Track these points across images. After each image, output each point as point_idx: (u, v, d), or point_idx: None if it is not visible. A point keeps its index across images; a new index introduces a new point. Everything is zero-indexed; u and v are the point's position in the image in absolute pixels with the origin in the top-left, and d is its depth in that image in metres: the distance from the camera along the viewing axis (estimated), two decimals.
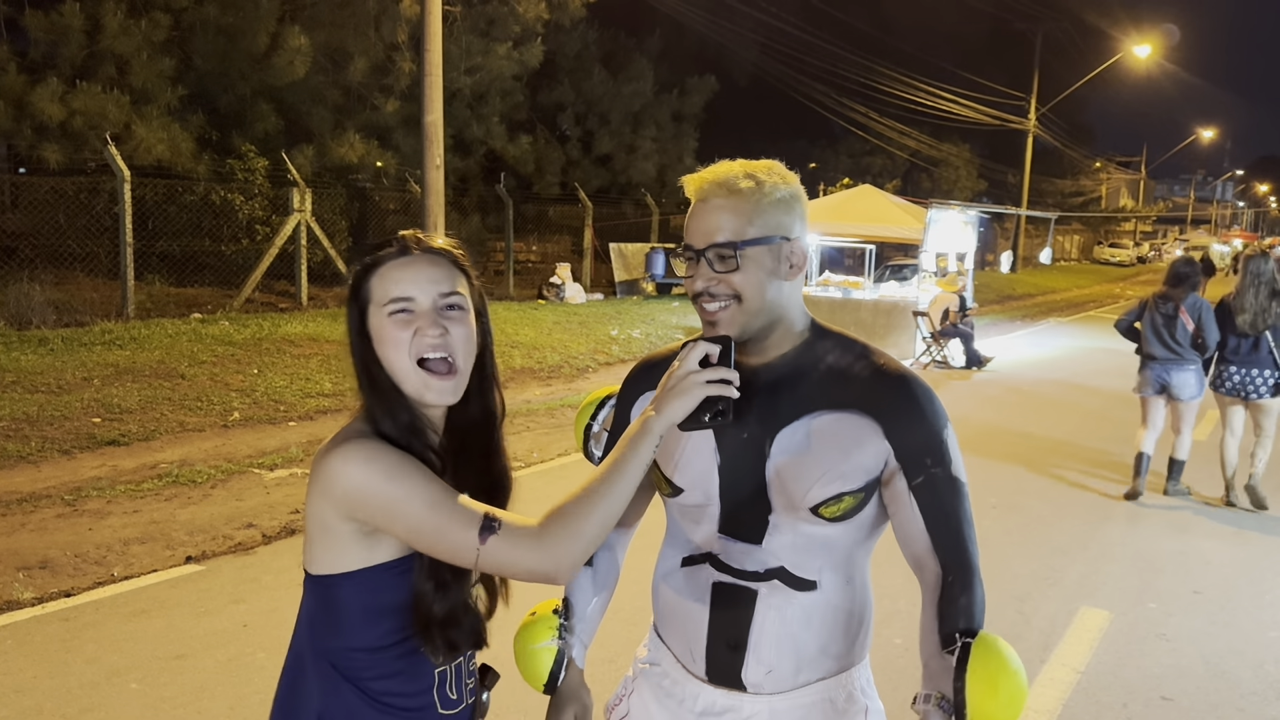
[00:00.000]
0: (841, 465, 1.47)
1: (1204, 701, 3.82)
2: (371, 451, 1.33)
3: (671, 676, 1.62)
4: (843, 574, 1.54)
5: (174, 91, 13.84)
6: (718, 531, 1.55)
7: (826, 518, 1.49)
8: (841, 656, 1.56)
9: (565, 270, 17.63)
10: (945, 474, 1.49)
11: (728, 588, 1.53)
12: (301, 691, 1.42)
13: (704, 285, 1.48)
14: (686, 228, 1.51)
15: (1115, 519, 6.21)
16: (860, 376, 1.52)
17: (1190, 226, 69.34)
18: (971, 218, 15.37)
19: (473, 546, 1.30)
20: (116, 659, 3.85)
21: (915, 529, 1.49)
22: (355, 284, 1.42)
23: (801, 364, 1.54)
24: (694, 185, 1.51)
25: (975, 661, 1.40)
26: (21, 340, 9.22)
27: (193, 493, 6.07)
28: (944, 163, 38.13)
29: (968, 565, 1.48)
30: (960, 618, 1.46)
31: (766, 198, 1.48)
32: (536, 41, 18.41)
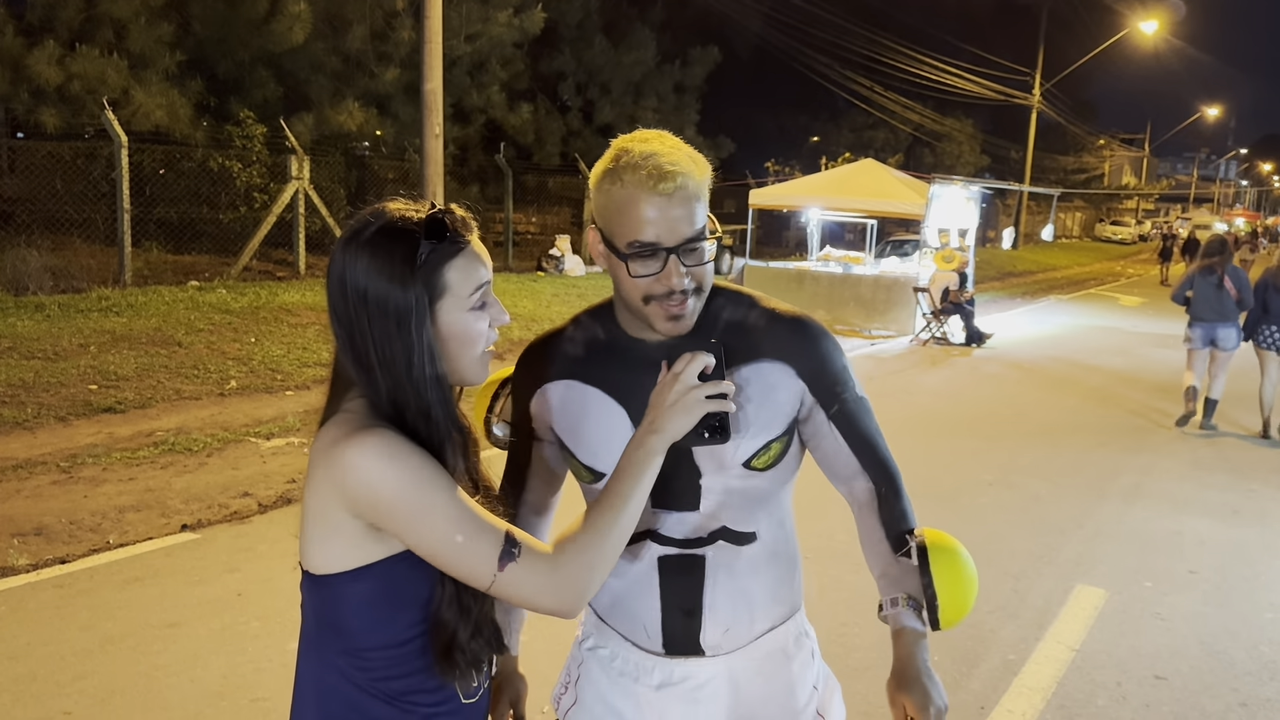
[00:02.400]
0: (763, 414, 1.49)
1: (1198, 681, 3.83)
2: (394, 448, 1.22)
3: (622, 656, 1.61)
4: (775, 519, 1.58)
5: (172, 57, 13.72)
6: (652, 507, 1.52)
7: (758, 468, 1.51)
8: (787, 600, 1.61)
9: (565, 242, 17.56)
10: (854, 396, 1.56)
11: (675, 559, 1.53)
12: (309, 702, 1.35)
13: (679, 283, 1.39)
14: (636, 219, 1.37)
15: (1112, 498, 6.21)
16: (759, 325, 1.53)
17: (1193, 205, 69.10)
18: (974, 193, 15.30)
19: (490, 572, 1.23)
20: (111, 626, 3.85)
21: (842, 455, 1.56)
22: (428, 271, 1.27)
23: (701, 325, 1.49)
24: (644, 175, 1.36)
25: (934, 554, 1.47)
26: (18, 306, 9.19)
27: (189, 461, 6.05)
28: (947, 138, 37.91)
29: (893, 474, 1.57)
30: (902, 521, 1.55)
31: (706, 178, 1.42)
32: (537, 9, 18.24)
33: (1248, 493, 6.51)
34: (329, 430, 1.28)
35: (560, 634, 1.74)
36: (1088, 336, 14.60)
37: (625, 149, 1.40)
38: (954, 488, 6.22)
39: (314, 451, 1.28)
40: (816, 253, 16.69)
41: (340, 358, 1.33)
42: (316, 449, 1.27)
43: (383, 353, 1.27)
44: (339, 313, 1.29)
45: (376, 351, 1.27)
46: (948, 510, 5.71)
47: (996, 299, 19.31)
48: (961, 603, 1.47)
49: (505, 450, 1.72)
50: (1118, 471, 6.83)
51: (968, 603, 1.49)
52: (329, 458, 1.24)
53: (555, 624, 2.80)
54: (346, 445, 1.22)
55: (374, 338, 1.27)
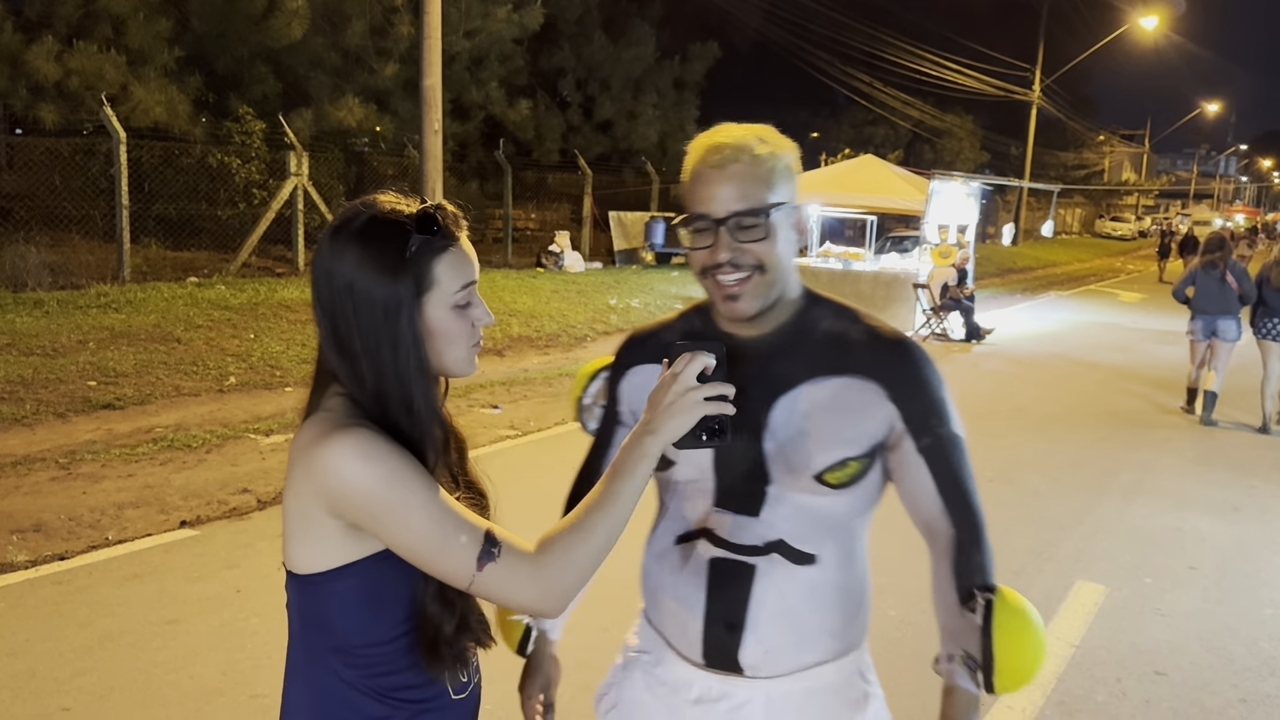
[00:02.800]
0: (845, 430, 1.44)
1: (1198, 677, 3.83)
2: (371, 448, 1.21)
3: (664, 664, 1.58)
4: (844, 548, 1.50)
5: (171, 53, 13.69)
6: (713, 506, 1.50)
7: (831, 484, 1.45)
8: (841, 636, 1.51)
9: (564, 238, 17.54)
10: (949, 433, 1.48)
11: (725, 563, 1.48)
12: (301, 705, 1.35)
13: (728, 256, 1.40)
14: (696, 195, 1.42)
15: (1112, 494, 6.21)
16: (858, 341, 1.49)
17: (1193, 201, 69.05)
18: (974, 189, 15.28)
19: (469, 571, 1.22)
20: (109, 623, 3.84)
21: (927, 492, 1.48)
22: (417, 264, 1.26)
23: (797, 333, 1.50)
24: (705, 149, 1.42)
25: (999, 616, 1.39)
26: (16, 302, 9.17)
27: (188, 457, 6.05)
28: (947, 134, 37.89)
29: (978, 522, 1.49)
30: (976, 574, 1.46)
31: (780, 163, 1.43)
32: (536, 4, 18.20)
33: (1248, 489, 6.50)
34: (307, 429, 1.27)
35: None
36: (1087, 332, 14.59)
37: (707, 133, 1.46)
38: None
39: (293, 450, 1.27)
40: (816, 249, 16.66)
41: (324, 349, 1.32)
42: (295, 448, 1.26)
43: (367, 343, 1.26)
44: (324, 303, 1.28)
45: (361, 341, 1.26)
46: None
47: (996, 295, 19.30)
48: (1022, 671, 1.39)
49: (593, 437, 1.75)
50: (1118, 468, 6.83)
51: (1029, 672, 1.40)
52: (307, 457, 1.23)
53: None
54: (324, 444, 1.21)
55: (359, 328, 1.26)
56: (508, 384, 8.72)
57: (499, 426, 7.23)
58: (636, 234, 19.52)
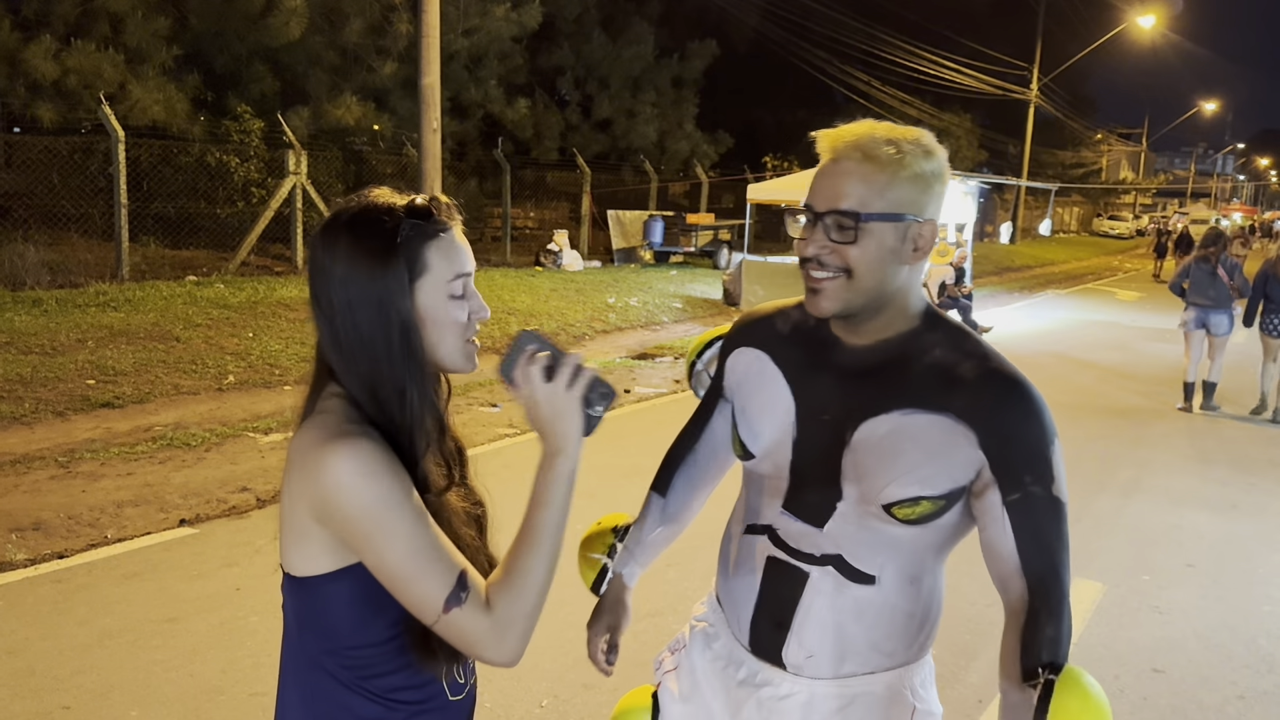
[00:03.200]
0: (925, 468, 1.37)
1: (1195, 674, 3.83)
2: (369, 464, 1.20)
3: (722, 639, 1.60)
4: (908, 574, 1.45)
5: (169, 51, 13.67)
6: (783, 507, 1.49)
7: (899, 519, 1.39)
8: (894, 655, 1.47)
9: (563, 237, 17.53)
10: (1045, 493, 1.37)
11: (781, 564, 1.48)
12: (296, 706, 1.35)
13: (815, 252, 1.37)
14: (812, 186, 1.39)
15: (1110, 492, 6.21)
16: (965, 378, 1.39)
17: (1190, 199, 69.09)
18: (972, 188, 15.29)
19: (435, 611, 1.21)
20: (109, 621, 3.85)
21: (1005, 547, 1.38)
22: (409, 250, 1.26)
23: (904, 354, 1.43)
24: (827, 142, 1.39)
25: (1058, 702, 1.29)
26: (15, 301, 9.17)
27: (187, 456, 6.05)
28: (945, 132, 37.76)
29: (1059, 593, 1.37)
30: (1045, 650, 1.34)
31: (905, 170, 1.35)
32: (535, 3, 18.18)
33: (1246, 486, 6.51)
34: (306, 432, 1.27)
35: None
36: (1085, 331, 14.60)
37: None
38: None
39: (291, 452, 1.27)
40: None
41: (321, 344, 1.32)
42: (294, 450, 1.26)
43: (362, 332, 1.26)
44: (320, 296, 1.29)
45: (356, 331, 1.27)
46: None
47: (994, 293, 19.31)
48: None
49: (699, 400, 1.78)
50: (1116, 465, 6.84)
51: None
52: (304, 462, 1.23)
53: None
54: (323, 453, 1.21)
55: (354, 317, 1.26)
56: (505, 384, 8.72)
57: (498, 425, 7.23)
58: (635, 232, 19.52)
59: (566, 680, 3.46)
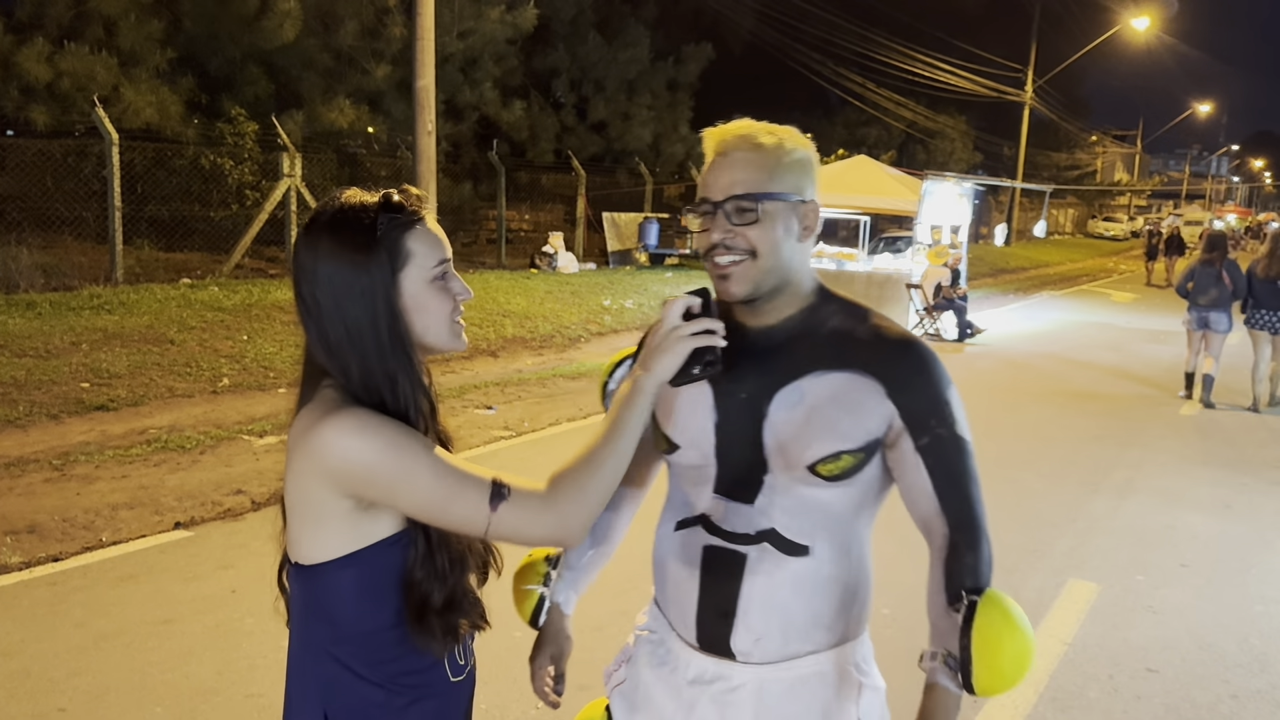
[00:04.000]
0: (841, 424, 1.46)
1: (1189, 674, 3.85)
2: (367, 421, 1.26)
3: (666, 645, 1.63)
4: (839, 543, 1.52)
5: (163, 54, 13.65)
6: (713, 492, 1.54)
7: (824, 476, 1.47)
8: (834, 629, 1.54)
9: (558, 239, 17.54)
10: (950, 434, 1.49)
11: (718, 551, 1.52)
12: (304, 691, 1.37)
13: (720, 238, 1.46)
14: (703, 182, 1.50)
15: (1104, 492, 6.23)
16: (863, 339, 1.51)
17: (1185, 201, 69.26)
18: (967, 190, 15.31)
19: (484, 515, 1.27)
20: (104, 624, 3.84)
21: (923, 490, 1.49)
22: (390, 242, 1.31)
23: (805, 327, 1.53)
24: (715, 139, 1.49)
25: (981, 618, 1.40)
26: (9, 304, 9.15)
27: (181, 458, 6.04)
28: (940, 134, 37.92)
29: (975, 524, 1.49)
30: (967, 576, 1.46)
31: (787, 155, 1.48)
32: (530, 5, 18.18)
33: (1239, 487, 6.53)
34: (301, 419, 1.31)
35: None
36: (1080, 332, 14.63)
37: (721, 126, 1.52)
38: None
39: (290, 441, 1.31)
40: None
41: (310, 344, 1.36)
42: (293, 438, 1.31)
43: (350, 326, 1.31)
44: (305, 298, 1.33)
45: (344, 325, 1.31)
46: None
47: (989, 295, 19.35)
48: (1002, 673, 1.39)
49: None
50: (1110, 466, 6.86)
51: (1011, 675, 1.40)
52: (306, 443, 1.27)
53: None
54: (321, 427, 1.26)
55: (341, 313, 1.30)
56: (501, 385, 8.72)
57: (493, 427, 7.23)
58: (630, 235, 19.53)
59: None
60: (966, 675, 1.40)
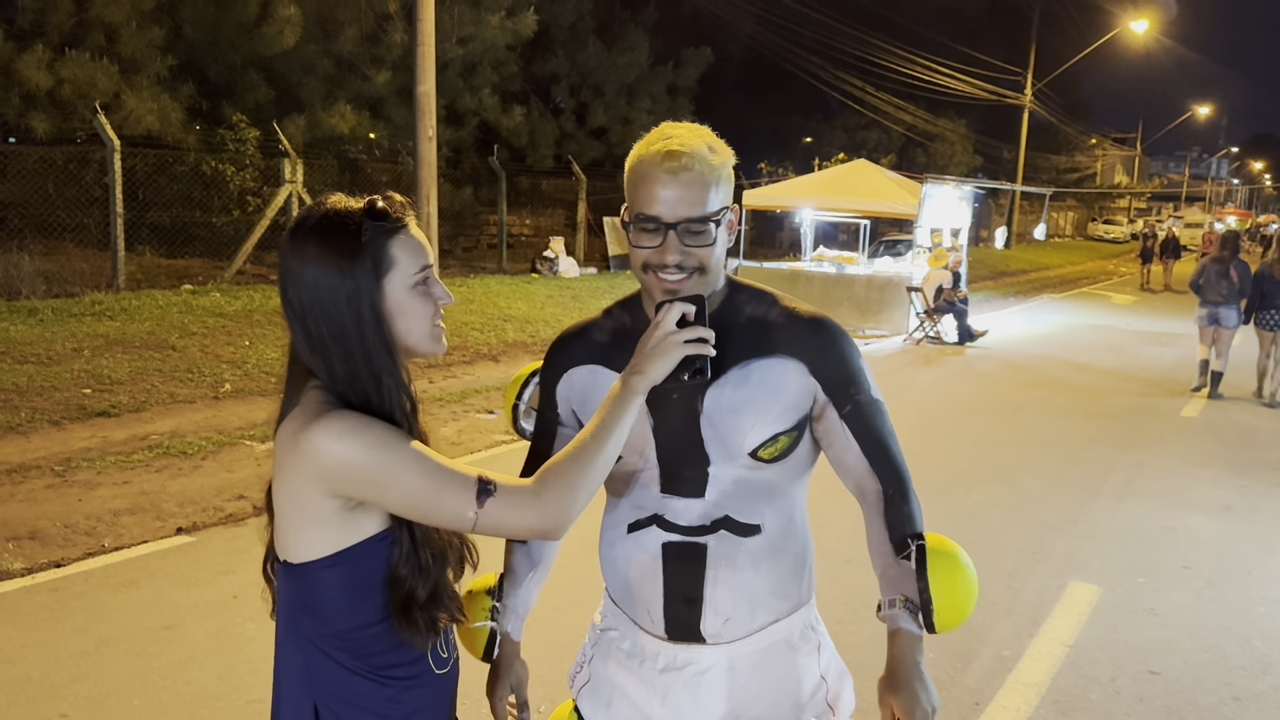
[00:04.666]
0: (774, 408, 1.54)
1: (1191, 675, 3.85)
2: (354, 423, 1.29)
3: (631, 639, 1.66)
4: (784, 515, 1.60)
5: (164, 61, 13.68)
6: (660, 492, 1.58)
7: (765, 459, 1.55)
8: (789, 596, 1.62)
9: (559, 244, 17.56)
10: (869, 398, 1.59)
11: (678, 546, 1.57)
12: (293, 684, 1.41)
13: (675, 259, 1.47)
14: (646, 195, 1.46)
15: (1105, 495, 6.23)
16: (777, 323, 1.58)
17: (1185, 203, 69.25)
18: (966, 193, 15.33)
19: (470, 511, 1.30)
20: (106, 629, 3.85)
21: (852, 455, 1.59)
22: (374, 248, 1.33)
23: (721, 320, 1.56)
24: (659, 153, 1.46)
25: (932, 560, 1.50)
26: (11, 311, 9.16)
27: (183, 464, 6.05)
28: (939, 138, 37.94)
29: (903, 477, 1.59)
30: (906, 524, 1.56)
31: (724, 169, 1.51)
32: (529, 11, 18.22)
33: (1240, 488, 6.53)
34: (289, 423, 1.35)
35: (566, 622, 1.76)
36: (1080, 335, 14.64)
37: (657, 132, 1.52)
38: (947, 485, 6.23)
39: (278, 444, 1.36)
40: (810, 253, 16.70)
41: (295, 348, 1.39)
42: (281, 440, 1.35)
43: (334, 329, 1.34)
44: (291, 301, 1.36)
45: (329, 329, 1.34)
46: (941, 507, 5.73)
47: (989, 298, 19.35)
48: (958, 607, 1.50)
49: (530, 441, 1.79)
50: (1111, 468, 6.86)
51: (965, 608, 1.51)
52: (295, 445, 1.31)
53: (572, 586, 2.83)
54: (310, 430, 1.29)
55: (326, 317, 1.34)
56: (503, 389, 8.73)
57: (494, 432, 7.23)
58: None
59: (562, 685, 3.46)
60: (928, 615, 1.48)
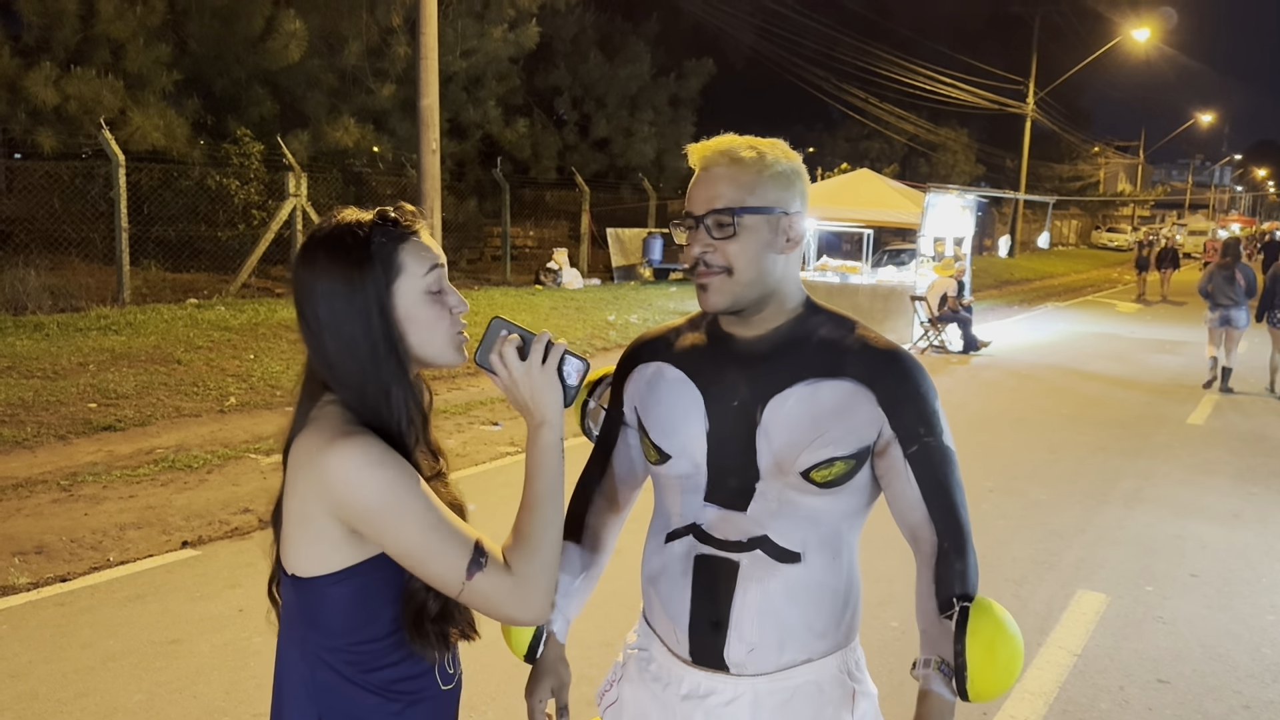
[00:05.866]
0: (834, 430, 1.48)
1: (1200, 684, 3.83)
2: (374, 455, 1.27)
3: (658, 661, 1.62)
4: (829, 549, 1.53)
5: (169, 76, 13.75)
6: (703, 500, 1.55)
7: (817, 483, 1.48)
8: (827, 636, 1.54)
9: (562, 255, 17.58)
10: (938, 443, 1.51)
11: (709, 560, 1.53)
12: (298, 697, 1.39)
13: (700, 251, 1.48)
14: (689, 196, 1.52)
15: (1112, 503, 6.21)
16: (852, 349, 1.53)
17: (1188, 211, 69.21)
18: (969, 202, 15.34)
19: (459, 580, 1.29)
20: (112, 644, 3.85)
21: (911, 498, 1.51)
22: (383, 255, 1.33)
23: (794, 337, 1.54)
24: (697, 154, 1.51)
25: (974, 624, 1.41)
26: (17, 325, 9.19)
27: (189, 478, 6.05)
28: (942, 147, 38.01)
29: (962, 531, 1.50)
30: (956, 583, 1.48)
31: (768, 169, 1.48)
32: (532, 24, 18.30)
33: (1248, 496, 6.51)
34: (308, 437, 1.33)
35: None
36: (1085, 343, 14.61)
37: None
38: None
39: (294, 457, 1.34)
40: (814, 263, 16.71)
41: (311, 359, 1.39)
42: (297, 455, 1.33)
43: (345, 339, 1.33)
44: (305, 313, 1.35)
45: (341, 340, 1.33)
46: None
47: (994, 307, 19.33)
48: (995, 679, 1.41)
49: (593, 441, 1.79)
50: (1118, 476, 6.84)
51: (1003, 680, 1.42)
52: (312, 463, 1.29)
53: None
54: (329, 452, 1.28)
55: (338, 328, 1.33)
56: (507, 401, 8.73)
57: (499, 443, 7.23)
58: (634, 250, 19.57)
59: (571, 697, 3.45)
60: (961, 682, 1.41)
